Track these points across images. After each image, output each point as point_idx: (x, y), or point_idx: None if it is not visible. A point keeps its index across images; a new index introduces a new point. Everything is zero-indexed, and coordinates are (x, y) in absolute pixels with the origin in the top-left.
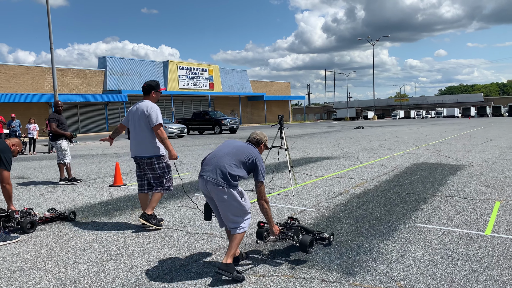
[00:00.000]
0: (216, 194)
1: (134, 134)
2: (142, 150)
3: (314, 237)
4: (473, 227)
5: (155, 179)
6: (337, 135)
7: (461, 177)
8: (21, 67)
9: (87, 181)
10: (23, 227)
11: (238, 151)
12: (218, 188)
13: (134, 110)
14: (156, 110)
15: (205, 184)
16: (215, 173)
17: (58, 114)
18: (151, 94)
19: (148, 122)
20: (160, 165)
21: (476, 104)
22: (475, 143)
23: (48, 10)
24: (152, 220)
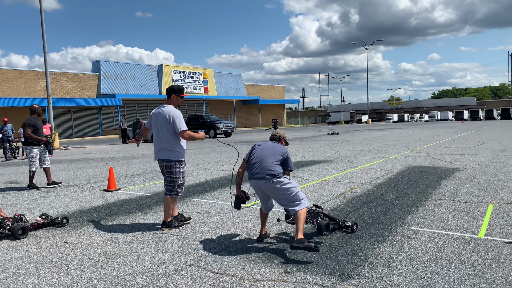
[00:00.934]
0: (269, 187)
1: (157, 138)
2: (164, 154)
3: (337, 224)
4: (466, 230)
5: (168, 182)
6: (332, 139)
7: (454, 180)
8: (14, 71)
9: (81, 186)
10: (14, 234)
11: (273, 152)
12: (268, 183)
13: (157, 114)
14: (179, 116)
15: (257, 183)
16: (263, 174)
17: (35, 119)
18: (171, 97)
19: (173, 128)
20: (178, 169)
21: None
22: (468, 146)
23: (42, 13)
24: (173, 224)
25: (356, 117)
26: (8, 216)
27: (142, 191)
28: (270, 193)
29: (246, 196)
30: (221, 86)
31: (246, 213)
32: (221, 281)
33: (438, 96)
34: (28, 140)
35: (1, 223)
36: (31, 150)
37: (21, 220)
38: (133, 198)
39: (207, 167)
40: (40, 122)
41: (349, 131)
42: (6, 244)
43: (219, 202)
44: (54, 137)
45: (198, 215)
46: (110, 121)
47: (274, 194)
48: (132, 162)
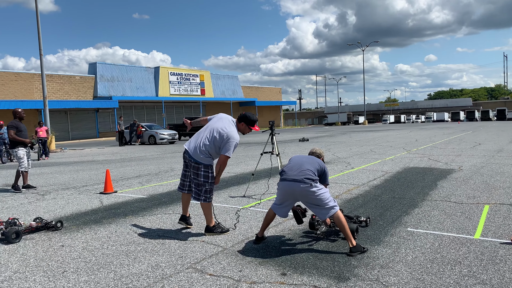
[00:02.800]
0: (305, 191)
1: (203, 137)
2: (195, 153)
3: (352, 221)
4: (462, 231)
5: (196, 185)
6: (329, 140)
7: (450, 181)
8: (10, 73)
9: (77, 189)
10: (8, 238)
11: (312, 161)
12: (306, 186)
13: (221, 121)
14: (234, 143)
15: (293, 186)
16: (301, 177)
17: (18, 121)
18: (240, 123)
19: (221, 146)
20: (205, 173)
21: (465, 108)
22: (464, 147)
23: (38, 15)
24: (216, 229)
25: (353, 119)
26: (1, 220)
27: (139, 193)
28: (304, 197)
29: (302, 209)
30: (218, 88)
31: (243, 215)
32: (218, 283)
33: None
34: (13, 142)
35: None
36: (17, 151)
37: (14, 224)
38: (130, 201)
39: None
40: (23, 125)
41: (345, 132)
42: (3, 247)
43: (216, 204)
44: (50, 140)
45: (195, 218)
46: (106, 123)
47: (309, 198)
48: (129, 165)
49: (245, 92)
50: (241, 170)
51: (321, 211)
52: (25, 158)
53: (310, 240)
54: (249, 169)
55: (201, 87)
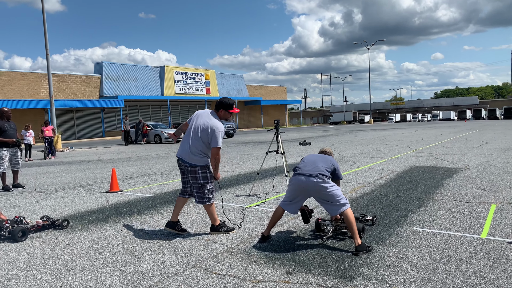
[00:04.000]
0: (318, 186)
1: (188, 139)
2: (189, 157)
3: (358, 220)
4: (469, 230)
5: (197, 189)
6: (334, 139)
7: (457, 180)
8: (17, 73)
9: (84, 187)
10: (14, 236)
11: (325, 160)
12: (320, 181)
13: (201, 118)
14: (221, 133)
15: (306, 182)
16: (315, 172)
17: (4, 121)
18: (219, 111)
19: (209, 140)
20: (203, 175)
21: (471, 107)
22: (471, 146)
23: (44, 15)
24: (222, 228)
25: (359, 117)
26: (7, 219)
27: (144, 192)
28: (317, 192)
29: (309, 209)
30: (223, 87)
31: (248, 214)
32: (223, 282)
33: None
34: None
35: (0, 225)
36: (0, 151)
37: (21, 222)
38: (136, 200)
39: None
40: (10, 124)
41: (351, 131)
42: (10, 246)
43: (222, 203)
44: (57, 139)
45: (200, 216)
46: (112, 122)
47: (321, 194)
48: (134, 164)
49: (250, 91)
50: (246, 169)
51: (332, 207)
52: (6, 160)
53: (315, 239)
54: (254, 168)
55: (206, 86)
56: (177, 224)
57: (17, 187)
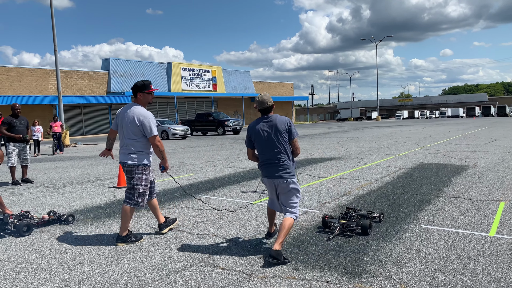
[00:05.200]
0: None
1: (123, 140)
2: (126, 156)
3: (369, 219)
4: (477, 228)
5: (128, 189)
6: (341, 136)
7: (465, 178)
8: (26, 69)
9: (91, 183)
10: (19, 230)
11: (278, 132)
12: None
13: (124, 114)
14: (149, 119)
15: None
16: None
17: (13, 117)
18: (138, 97)
19: (142, 131)
20: (139, 175)
21: (480, 104)
22: (479, 143)
23: (52, 12)
24: (131, 238)
25: (366, 114)
26: (12, 213)
27: None
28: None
29: None
30: (229, 84)
31: (255, 210)
32: (230, 277)
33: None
34: (7, 138)
35: (5, 220)
36: (8, 146)
37: (26, 217)
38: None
39: (216, 164)
40: (20, 120)
41: (358, 128)
42: (19, 239)
43: (228, 199)
44: (65, 135)
45: (207, 212)
46: None
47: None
48: None
49: (256, 87)
50: (253, 165)
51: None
52: (14, 154)
53: (322, 236)
54: None
55: (213, 83)
56: (167, 222)
57: (26, 182)
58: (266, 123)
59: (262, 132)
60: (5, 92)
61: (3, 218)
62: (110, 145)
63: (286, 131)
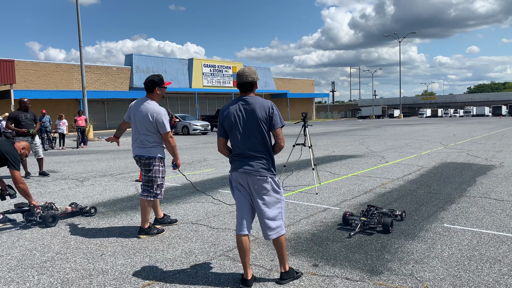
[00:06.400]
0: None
1: (137, 135)
2: (143, 150)
3: (390, 216)
4: (503, 229)
5: (146, 182)
6: (362, 133)
7: (490, 178)
8: (52, 64)
9: (114, 176)
10: (45, 221)
11: (254, 121)
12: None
13: (138, 108)
14: (162, 115)
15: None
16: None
17: (21, 111)
18: (155, 91)
19: (156, 127)
20: (156, 168)
21: (507, 102)
22: (506, 143)
23: (78, 8)
24: (152, 231)
25: (388, 112)
26: (38, 204)
27: (173, 181)
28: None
29: None
30: None
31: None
32: None
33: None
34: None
35: (32, 211)
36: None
37: (51, 208)
38: (164, 189)
39: None
40: (28, 114)
41: (380, 125)
42: (45, 229)
43: None
44: (88, 129)
45: (227, 207)
46: None
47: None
48: None
49: (277, 84)
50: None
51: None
52: (38, 145)
53: (342, 233)
54: (280, 161)
55: (233, 79)
56: (163, 219)
57: (42, 175)
58: (242, 106)
59: (236, 117)
60: (32, 86)
61: (30, 209)
62: (119, 133)
63: (266, 119)
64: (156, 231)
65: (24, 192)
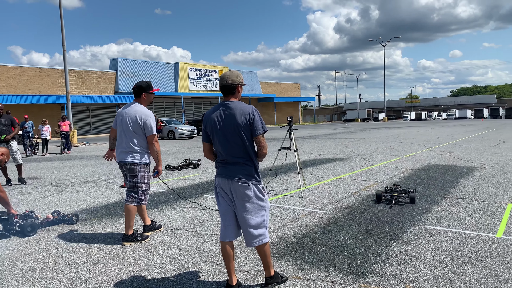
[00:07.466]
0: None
1: (123, 138)
2: (127, 155)
3: (413, 192)
4: (484, 229)
5: (130, 188)
6: (347, 137)
7: (472, 179)
8: (35, 69)
9: (98, 182)
10: (23, 231)
11: (234, 127)
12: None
13: (124, 113)
14: (151, 118)
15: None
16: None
17: None
18: (142, 97)
19: (143, 130)
20: (142, 173)
21: (489, 105)
22: (487, 145)
23: (61, 11)
24: (136, 237)
25: (373, 115)
26: (17, 213)
27: (158, 187)
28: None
29: None
30: None
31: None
32: None
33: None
34: None
35: (10, 220)
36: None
37: (31, 216)
38: (149, 195)
39: None
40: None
41: (365, 129)
42: (26, 238)
43: None
44: (72, 134)
45: (212, 212)
46: None
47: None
48: None
49: (263, 88)
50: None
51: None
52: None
53: (327, 236)
54: (266, 165)
55: None
56: (152, 225)
57: (20, 182)
58: (223, 111)
59: (217, 122)
60: (14, 91)
61: (8, 218)
62: (113, 145)
63: (246, 125)
64: (140, 238)
65: (4, 201)
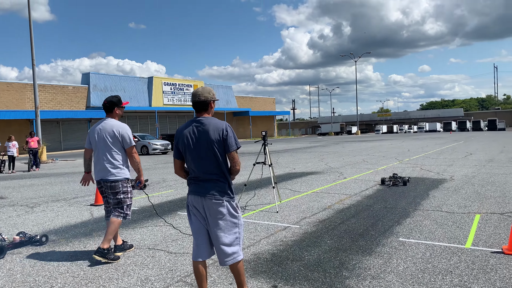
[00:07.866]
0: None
1: (100, 156)
2: (107, 172)
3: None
4: (453, 240)
5: (115, 204)
6: (322, 150)
7: (442, 191)
8: (2, 83)
9: (67, 200)
10: None
11: (208, 145)
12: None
13: (98, 130)
14: (128, 131)
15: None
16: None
17: None
18: (114, 111)
19: (121, 143)
20: (124, 189)
21: (456, 118)
22: (456, 157)
23: (31, 24)
24: (109, 255)
25: (346, 129)
26: None
27: None
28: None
29: None
30: None
31: None
32: None
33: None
34: None
35: None
36: None
37: None
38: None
39: None
40: None
41: (338, 142)
42: None
43: None
44: (41, 150)
45: (186, 229)
46: None
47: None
48: None
49: (239, 102)
50: (236, 179)
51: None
52: None
53: (301, 252)
54: (241, 180)
55: None
56: (123, 245)
57: None
58: (196, 127)
59: (189, 139)
60: None
61: None
62: (89, 167)
63: (219, 141)
64: (112, 257)
65: None
